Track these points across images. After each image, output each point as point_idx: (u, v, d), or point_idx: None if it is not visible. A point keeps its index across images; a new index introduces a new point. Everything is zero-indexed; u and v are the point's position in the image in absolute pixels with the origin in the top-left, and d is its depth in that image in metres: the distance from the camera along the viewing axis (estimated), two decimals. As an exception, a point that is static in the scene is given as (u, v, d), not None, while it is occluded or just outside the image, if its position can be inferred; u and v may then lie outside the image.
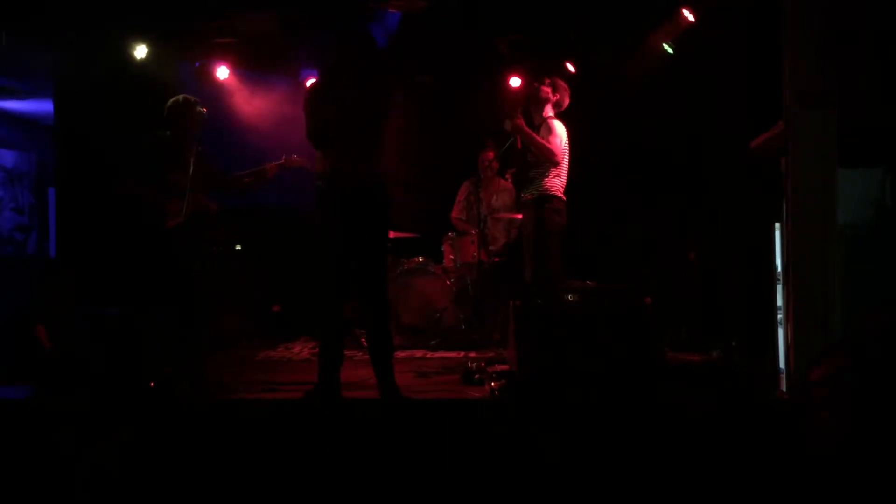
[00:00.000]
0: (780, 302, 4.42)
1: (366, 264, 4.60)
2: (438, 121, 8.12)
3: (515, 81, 7.87)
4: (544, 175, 5.80)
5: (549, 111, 5.91)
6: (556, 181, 5.84)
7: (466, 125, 7.86)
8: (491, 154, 7.24)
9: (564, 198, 5.86)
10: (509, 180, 7.22)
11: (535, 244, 5.78)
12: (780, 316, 4.43)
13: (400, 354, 6.34)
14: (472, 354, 6.05)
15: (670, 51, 6.66)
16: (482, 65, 7.74)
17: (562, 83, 6.00)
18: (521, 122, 5.76)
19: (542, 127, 5.82)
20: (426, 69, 7.92)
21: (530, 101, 5.99)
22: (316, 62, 7.65)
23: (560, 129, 5.79)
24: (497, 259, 7.05)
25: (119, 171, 5.41)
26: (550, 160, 5.72)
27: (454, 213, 7.68)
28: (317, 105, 4.57)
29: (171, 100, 5.36)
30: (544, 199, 5.79)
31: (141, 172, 5.24)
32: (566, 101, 5.97)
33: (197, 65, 7.57)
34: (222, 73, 7.57)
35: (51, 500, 3.79)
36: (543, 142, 5.71)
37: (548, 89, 5.92)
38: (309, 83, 4.70)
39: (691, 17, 6.07)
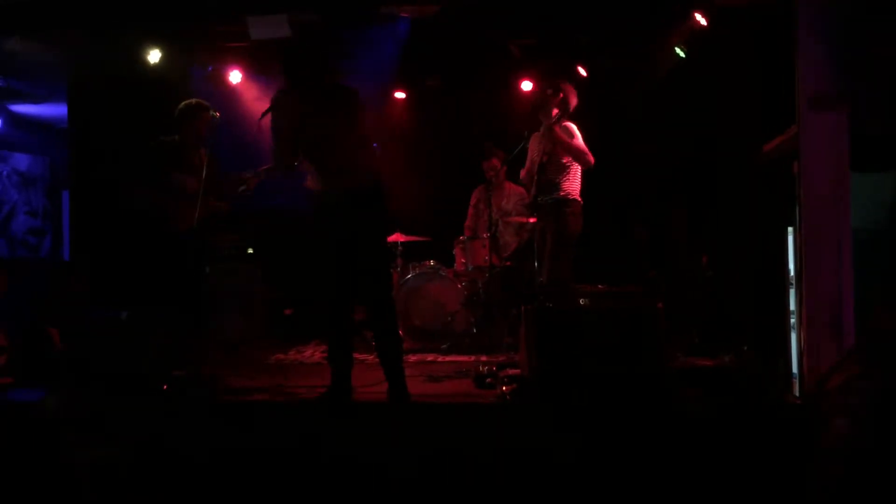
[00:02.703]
0: (793, 306, 4.41)
1: (368, 268, 4.64)
2: (449, 124, 8.13)
3: (527, 86, 7.86)
4: (564, 178, 5.82)
5: (557, 114, 5.92)
6: (575, 184, 5.85)
7: (477, 129, 7.87)
8: (495, 161, 7.20)
9: (582, 201, 5.87)
10: (522, 175, 7.21)
11: (553, 248, 5.78)
12: (793, 320, 4.41)
13: (411, 358, 6.34)
14: (484, 358, 6.04)
15: (682, 54, 6.65)
16: (493, 69, 7.74)
17: (567, 86, 5.99)
18: (559, 130, 5.75)
19: (563, 131, 5.81)
20: (437, 73, 7.93)
21: (538, 107, 5.99)
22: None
23: (577, 131, 5.81)
24: (508, 263, 7.04)
25: (129, 174, 5.45)
26: (584, 161, 5.74)
27: (467, 223, 7.67)
28: (277, 132, 4.58)
29: (183, 103, 5.39)
30: (564, 202, 5.80)
31: (148, 176, 5.27)
32: (574, 101, 5.95)
33: (210, 69, 7.60)
34: (235, 77, 7.60)
35: (63, 500, 3.81)
36: (582, 147, 5.72)
37: (557, 98, 5.92)
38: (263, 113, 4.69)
39: (703, 22, 6.05)
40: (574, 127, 5.84)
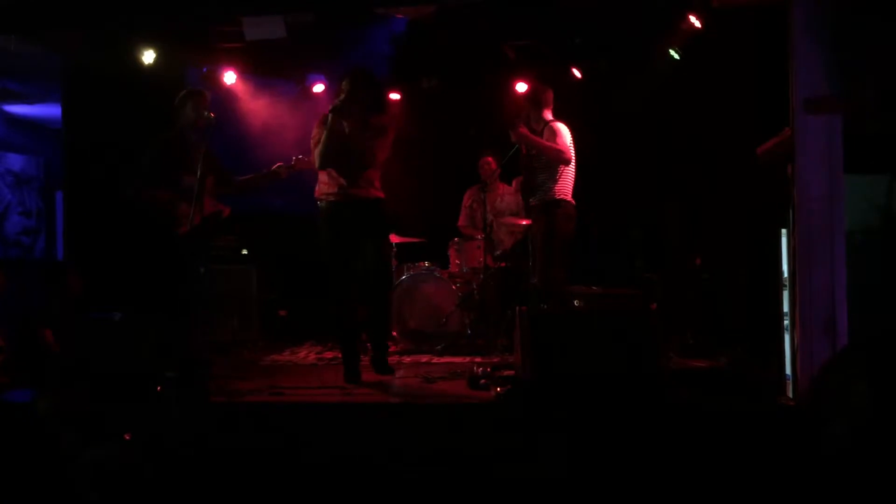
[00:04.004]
0: (786, 308, 4.42)
1: (371, 270, 5.23)
2: (445, 126, 8.13)
3: (521, 87, 7.86)
4: (553, 179, 5.81)
5: (548, 115, 5.93)
6: (565, 185, 5.83)
7: (473, 130, 7.87)
8: (490, 158, 7.24)
9: (573, 201, 5.87)
10: (513, 185, 7.24)
11: (545, 249, 5.78)
12: (786, 322, 4.42)
13: (406, 359, 6.36)
14: (478, 359, 6.04)
15: (676, 57, 6.66)
16: (489, 71, 7.75)
17: (538, 86, 6.06)
18: (524, 130, 5.78)
19: (546, 130, 5.83)
20: (433, 75, 7.94)
21: (529, 112, 6.01)
22: (322, 69, 7.74)
23: (564, 130, 5.80)
24: (503, 264, 7.05)
25: (128, 174, 5.42)
26: (561, 160, 5.72)
27: (461, 223, 7.69)
28: (328, 135, 5.17)
29: (181, 93, 5.38)
30: (555, 203, 5.80)
31: (149, 176, 5.24)
32: (550, 98, 6.00)
33: (204, 70, 7.59)
34: (229, 78, 7.60)
35: (59, 500, 3.80)
36: (551, 144, 5.71)
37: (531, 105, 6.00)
38: (322, 115, 5.32)
39: (698, 24, 6.07)
40: (559, 126, 5.81)
